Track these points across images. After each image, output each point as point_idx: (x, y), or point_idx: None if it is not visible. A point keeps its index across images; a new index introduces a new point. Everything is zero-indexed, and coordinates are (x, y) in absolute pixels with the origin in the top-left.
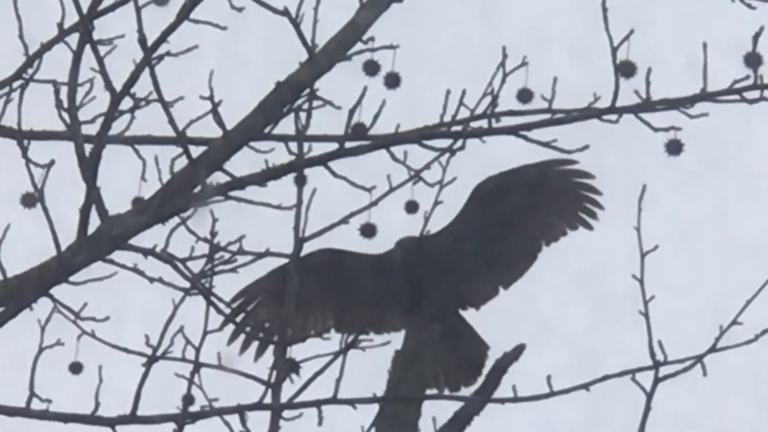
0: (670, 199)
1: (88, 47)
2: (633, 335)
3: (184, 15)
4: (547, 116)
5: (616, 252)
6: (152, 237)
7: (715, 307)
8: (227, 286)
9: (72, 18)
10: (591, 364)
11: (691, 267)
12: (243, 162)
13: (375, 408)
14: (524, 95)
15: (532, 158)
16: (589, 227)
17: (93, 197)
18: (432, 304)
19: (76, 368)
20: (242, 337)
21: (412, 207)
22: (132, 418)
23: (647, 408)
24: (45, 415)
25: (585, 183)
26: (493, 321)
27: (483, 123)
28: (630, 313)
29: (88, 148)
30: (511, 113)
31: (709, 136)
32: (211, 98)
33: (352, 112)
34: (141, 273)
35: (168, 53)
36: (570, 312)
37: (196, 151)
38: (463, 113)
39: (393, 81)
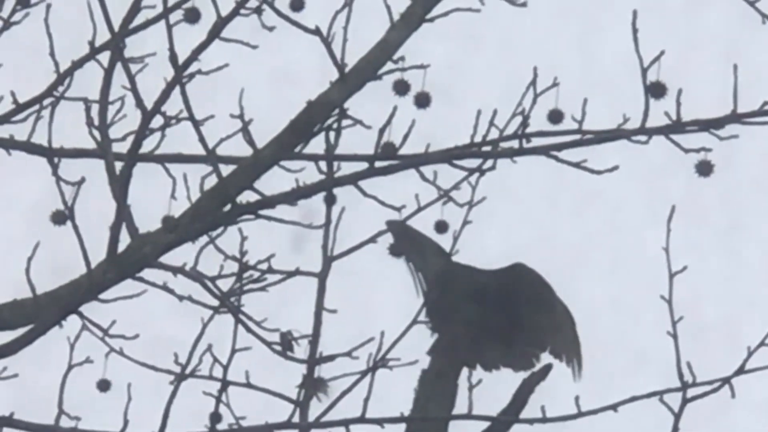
0: (699, 220)
1: (119, 65)
2: (661, 356)
3: (215, 33)
4: (577, 137)
5: (644, 272)
6: (182, 255)
7: (744, 328)
8: (256, 304)
9: (103, 36)
10: (619, 384)
11: (720, 287)
12: (273, 181)
13: (402, 427)
14: (554, 116)
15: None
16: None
17: (123, 215)
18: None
19: (104, 386)
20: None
21: (441, 227)
22: None
23: (675, 429)
24: None
25: None
26: None
27: (513, 143)
28: (658, 334)
29: (118, 165)
30: (542, 134)
31: (740, 157)
32: (241, 117)
33: (381, 131)
34: (170, 291)
35: (199, 71)
36: (597, 332)
37: (226, 169)
38: (494, 133)
39: (423, 100)
